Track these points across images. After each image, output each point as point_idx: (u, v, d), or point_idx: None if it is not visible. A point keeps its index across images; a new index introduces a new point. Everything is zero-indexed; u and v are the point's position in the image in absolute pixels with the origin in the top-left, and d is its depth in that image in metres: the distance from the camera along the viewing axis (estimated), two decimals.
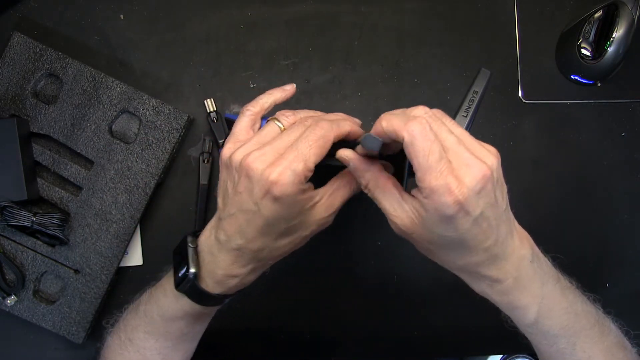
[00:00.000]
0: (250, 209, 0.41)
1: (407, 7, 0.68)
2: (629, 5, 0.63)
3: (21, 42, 0.61)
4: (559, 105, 0.69)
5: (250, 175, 0.40)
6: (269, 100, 0.49)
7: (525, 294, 0.43)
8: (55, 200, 0.62)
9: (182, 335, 0.50)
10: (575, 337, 0.45)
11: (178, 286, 0.46)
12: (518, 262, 0.42)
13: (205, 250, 0.46)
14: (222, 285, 0.45)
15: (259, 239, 0.43)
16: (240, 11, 0.66)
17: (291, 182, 0.39)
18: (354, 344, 0.67)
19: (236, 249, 0.43)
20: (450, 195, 0.36)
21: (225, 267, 0.44)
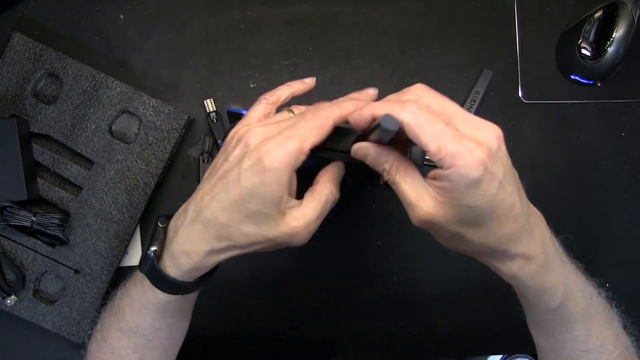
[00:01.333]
0: (232, 177, 0.39)
1: (407, 7, 0.68)
2: (629, 5, 0.64)
3: (21, 42, 0.61)
4: (559, 105, 0.69)
5: (247, 143, 0.39)
6: (287, 91, 0.49)
7: (554, 273, 0.42)
8: (55, 200, 0.62)
9: (155, 330, 0.46)
10: (590, 322, 0.45)
11: (140, 267, 0.43)
12: (542, 237, 0.41)
13: (172, 228, 0.43)
14: (177, 265, 0.42)
15: (227, 212, 0.39)
16: (240, 11, 0.66)
17: (282, 156, 0.38)
18: (354, 344, 0.67)
19: (200, 221, 0.40)
20: (472, 155, 0.34)
21: (182, 242, 0.41)
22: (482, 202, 0.36)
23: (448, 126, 0.35)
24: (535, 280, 0.41)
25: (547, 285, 0.42)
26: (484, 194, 0.35)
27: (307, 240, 0.42)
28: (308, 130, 0.39)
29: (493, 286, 0.67)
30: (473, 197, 0.35)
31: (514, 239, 0.39)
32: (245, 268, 0.66)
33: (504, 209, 0.37)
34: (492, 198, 0.36)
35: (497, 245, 0.39)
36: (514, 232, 0.39)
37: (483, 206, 0.36)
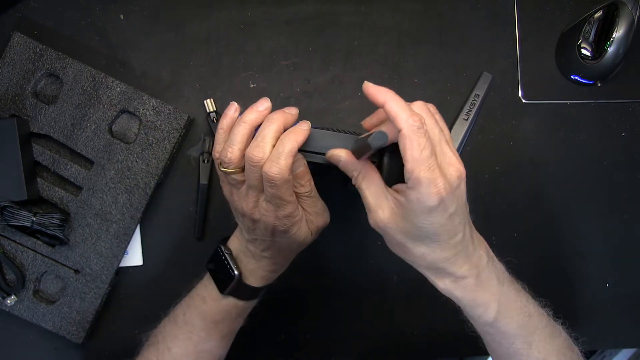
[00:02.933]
0: (266, 238, 0.49)
1: (407, 7, 0.68)
2: (629, 5, 0.63)
3: (21, 42, 0.61)
4: (559, 105, 0.69)
5: (256, 221, 0.48)
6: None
7: (486, 291, 0.46)
8: (55, 200, 0.62)
9: (222, 337, 0.54)
10: (531, 337, 0.48)
11: (224, 290, 0.52)
12: (477, 260, 0.46)
13: (241, 255, 0.52)
14: (265, 279, 0.53)
15: (281, 254, 0.51)
16: (240, 11, 0.66)
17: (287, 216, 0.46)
18: (353, 344, 0.67)
19: (268, 258, 0.51)
20: (435, 188, 0.40)
21: (265, 267, 0.52)
22: (430, 227, 0.42)
23: (431, 156, 0.40)
24: (466, 296, 0.46)
25: (479, 301, 0.46)
26: (433, 221, 0.41)
27: None
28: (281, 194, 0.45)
29: None
30: (424, 220, 0.41)
31: (450, 261, 0.44)
32: None
33: (447, 236, 0.43)
34: (440, 226, 0.42)
35: (434, 263, 0.44)
36: (451, 256, 0.44)
37: (430, 230, 0.42)
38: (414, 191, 0.41)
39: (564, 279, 0.68)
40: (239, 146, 0.45)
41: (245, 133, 0.45)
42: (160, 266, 0.65)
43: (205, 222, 0.65)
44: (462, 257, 0.44)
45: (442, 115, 0.47)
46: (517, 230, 0.68)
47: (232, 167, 0.46)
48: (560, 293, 0.68)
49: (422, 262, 0.45)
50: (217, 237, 0.65)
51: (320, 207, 0.50)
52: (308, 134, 0.45)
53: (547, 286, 0.57)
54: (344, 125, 0.66)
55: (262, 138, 0.44)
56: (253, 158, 0.44)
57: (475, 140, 0.68)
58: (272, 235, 0.48)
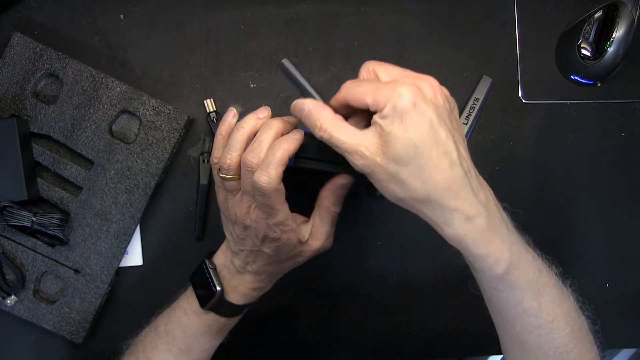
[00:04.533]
0: (255, 248, 0.49)
1: (407, 7, 0.68)
2: (629, 5, 0.63)
3: (21, 42, 0.61)
4: (559, 105, 0.69)
5: (248, 227, 0.48)
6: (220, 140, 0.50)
7: (498, 238, 0.42)
8: (55, 200, 0.62)
9: (203, 351, 0.54)
10: (540, 295, 0.44)
11: (205, 305, 0.51)
12: (485, 200, 0.41)
13: (225, 270, 0.52)
14: (247, 297, 0.52)
15: (269, 266, 0.50)
16: (240, 11, 0.66)
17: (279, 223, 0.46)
18: (353, 344, 0.67)
19: (253, 272, 0.51)
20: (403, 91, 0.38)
21: (247, 284, 0.51)
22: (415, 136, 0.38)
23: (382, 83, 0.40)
24: (478, 242, 0.41)
25: (491, 249, 0.41)
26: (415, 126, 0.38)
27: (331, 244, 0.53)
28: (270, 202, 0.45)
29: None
30: (406, 127, 0.38)
31: (452, 189, 0.39)
32: None
33: (437, 151, 0.38)
34: (425, 134, 0.38)
35: (433, 192, 0.39)
36: (450, 180, 0.39)
37: (416, 139, 0.38)
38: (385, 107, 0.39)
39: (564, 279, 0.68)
40: (237, 152, 0.45)
41: (243, 139, 0.46)
42: (160, 266, 0.65)
43: (205, 222, 0.65)
44: (467, 190, 0.40)
45: None
46: None
47: (231, 173, 0.46)
48: None
49: (421, 192, 0.39)
50: (217, 237, 0.65)
51: (320, 232, 0.51)
52: (300, 142, 0.45)
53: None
54: None
55: (258, 143, 0.44)
56: (248, 163, 0.44)
57: (475, 140, 0.68)
58: (262, 243, 0.48)
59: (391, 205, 0.63)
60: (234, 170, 0.46)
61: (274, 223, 0.46)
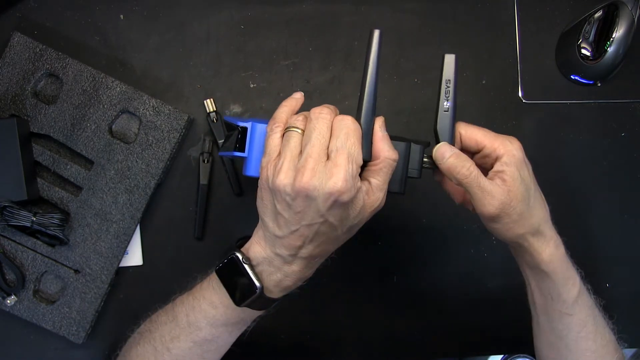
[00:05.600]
0: (316, 221, 0.43)
1: (407, 7, 0.68)
2: (629, 5, 0.64)
3: (21, 42, 0.61)
4: (559, 105, 0.69)
5: (311, 194, 0.41)
6: (288, 110, 0.48)
7: (571, 265, 0.50)
8: (55, 200, 0.62)
9: (230, 339, 0.52)
10: (596, 320, 0.52)
11: (241, 302, 0.47)
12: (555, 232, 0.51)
13: (265, 264, 0.47)
14: (289, 289, 0.49)
15: (328, 243, 0.45)
16: (240, 11, 0.66)
17: (353, 185, 0.42)
18: (353, 344, 0.67)
19: (305, 258, 0.46)
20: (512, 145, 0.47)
21: (294, 275, 0.47)
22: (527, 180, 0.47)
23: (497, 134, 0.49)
24: (562, 265, 0.49)
25: (570, 273, 0.50)
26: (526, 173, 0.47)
27: None
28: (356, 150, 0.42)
29: (493, 286, 0.67)
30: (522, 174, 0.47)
31: (548, 222, 0.49)
32: None
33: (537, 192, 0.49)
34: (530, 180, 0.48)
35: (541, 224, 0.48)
36: (546, 215, 0.49)
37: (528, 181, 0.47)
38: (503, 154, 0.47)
39: None
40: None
41: None
42: (160, 266, 0.65)
43: (205, 222, 0.65)
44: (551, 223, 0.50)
45: None
46: None
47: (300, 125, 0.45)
48: None
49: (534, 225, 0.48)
50: (216, 237, 0.65)
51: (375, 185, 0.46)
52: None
53: None
54: None
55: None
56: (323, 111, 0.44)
57: None
58: (329, 209, 0.42)
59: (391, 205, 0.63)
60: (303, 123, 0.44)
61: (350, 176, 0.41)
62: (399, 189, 0.47)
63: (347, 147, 0.42)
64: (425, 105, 0.67)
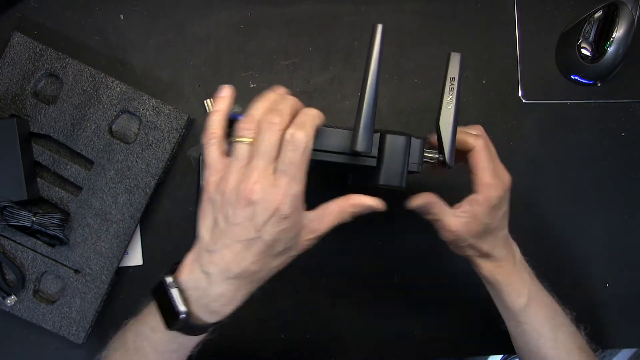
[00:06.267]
0: (250, 237, 0.41)
1: (407, 7, 0.68)
2: (629, 5, 0.64)
3: (21, 42, 0.61)
4: (559, 105, 0.69)
5: (254, 203, 0.40)
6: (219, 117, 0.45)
7: (520, 278, 0.55)
8: (55, 200, 0.62)
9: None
10: (557, 330, 0.55)
11: (170, 327, 0.45)
12: (513, 252, 0.56)
13: (192, 287, 0.44)
14: (218, 314, 0.45)
15: (257, 263, 0.43)
16: (240, 11, 0.66)
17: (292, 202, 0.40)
18: (353, 344, 0.67)
19: (232, 278, 0.43)
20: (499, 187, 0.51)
21: (220, 299, 0.44)
22: (492, 222, 0.52)
23: (494, 165, 0.51)
24: (505, 279, 0.55)
25: (515, 286, 0.55)
26: (495, 215, 0.52)
27: None
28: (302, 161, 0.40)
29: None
30: (489, 217, 0.51)
31: (499, 246, 0.54)
32: None
33: (501, 226, 0.54)
34: (499, 220, 0.52)
35: (489, 250, 0.54)
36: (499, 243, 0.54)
37: (492, 225, 0.52)
38: (483, 194, 0.50)
39: (564, 279, 0.68)
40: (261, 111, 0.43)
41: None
42: (160, 266, 0.65)
43: None
44: (504, 245, 0.55)
45: None
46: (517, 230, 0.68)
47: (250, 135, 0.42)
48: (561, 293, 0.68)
49: (479, 250, 0.53)
50: None
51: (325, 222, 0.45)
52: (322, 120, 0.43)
53: (547, 286, 0.57)
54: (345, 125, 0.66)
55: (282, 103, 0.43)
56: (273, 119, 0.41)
57: None
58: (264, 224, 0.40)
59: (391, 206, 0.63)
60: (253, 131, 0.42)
61: (293, 193, 0.40)
62: (399, 183, 0.46)
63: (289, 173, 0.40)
64: (425, 105, 0.67)
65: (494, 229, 0.53)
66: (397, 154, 0.45)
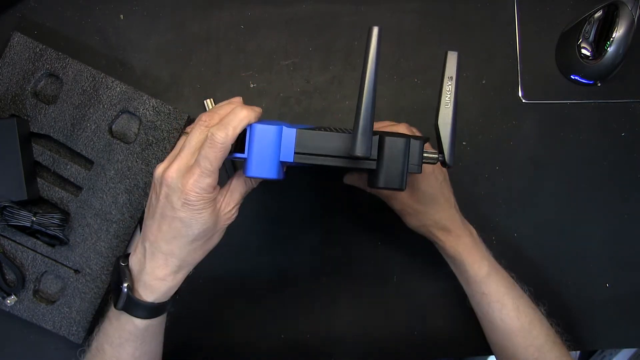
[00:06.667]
0: (170, 213, 0.45)
1: (407, 7, 0.68)
2: (629, 5, 0.64)
3: (21, 42, 0.61)
4: (559, 105, 0.69)
5: (169, 185, 0.45)
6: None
7: (479, 251, 0.60)
8: (55, 200, 0.62)
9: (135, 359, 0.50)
10: (518, 300, 0.59)
11: (116, 304, 0.48)
12: (470, 229, 0.61)
13: (134, 263, 0.48)
14: (154, 291, 0.48)
15: (178, 240, 0.46)
16: (240, 11, 0.66)
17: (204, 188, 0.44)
18: (353, 344, 0.67)
19: (160, 252, 0.47)
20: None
21: (151, 272, 0.47)
22: (431, 190, 0.57)
23: None
24: (465, 251, 0.59)
25: (476, 257, 0.59)
26: (431, 184, 0.57)
27: None
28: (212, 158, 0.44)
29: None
30: (425, 186, 0.57)
31: (452, 220, 0.59)
32: (244, 268, 0.66)
33: (444, 198, 0.59)
34: (437, 188, 0.58)
35: (441, 220, 0.58)
36: (450, 215, 0.59)
37: (431, 192, 0.58)
38: None
39: (564, 279, 0.68)
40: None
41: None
42: None
43: None
44: (459, 220, 0.59)
45: None
46: (517, 230, 0.68)
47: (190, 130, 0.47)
48: (560, 293, 0.68)
49: (432, 220, 0.58)
50: None
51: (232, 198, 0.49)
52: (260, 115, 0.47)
53: (547, 286, 0.58)
54: (345, 125, 0.66)
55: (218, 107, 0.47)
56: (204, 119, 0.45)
57: (475, 140, 0.68)
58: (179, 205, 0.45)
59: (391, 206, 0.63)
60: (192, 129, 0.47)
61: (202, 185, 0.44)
62: (399, 185, 0.47)
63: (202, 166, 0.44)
64: (425, 105, 0.67)
65: (437, 197, 0.58)
66: (396, 156, 0.45)
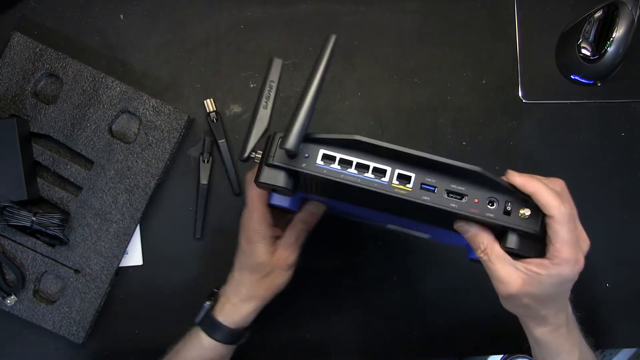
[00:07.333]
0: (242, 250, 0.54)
1: (407, 7, 0.68)
2: (629, 5, 0.64)
3: (21, 42, 0.61)
4: (559, 105, 0.69)
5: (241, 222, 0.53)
6: None
7: (574, 339, 0.51)
8: (55, 200, 0.62)
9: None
10: None
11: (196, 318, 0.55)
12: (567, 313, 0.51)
13: (223, 289, 0.56)
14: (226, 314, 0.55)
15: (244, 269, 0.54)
16: (240, 11, 0.66)
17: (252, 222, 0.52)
18: (353, 344, 0.67)
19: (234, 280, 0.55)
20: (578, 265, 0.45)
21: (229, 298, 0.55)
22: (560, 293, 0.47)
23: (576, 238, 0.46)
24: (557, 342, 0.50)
25: (566, 346, 0.50)
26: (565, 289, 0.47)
27: None
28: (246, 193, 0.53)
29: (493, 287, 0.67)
30: (558, 289, 0.46)
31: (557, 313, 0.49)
32: None
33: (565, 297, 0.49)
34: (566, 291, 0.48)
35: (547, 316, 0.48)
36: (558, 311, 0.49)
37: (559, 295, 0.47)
38: (558, 267, 0.44)
39: None
40: None
41: None
42: (160, 266, 0.65)
43: (205, 222, 0.65)
44: (564, 309, 0.50)
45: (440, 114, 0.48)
46: None
47: None
48: None
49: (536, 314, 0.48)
50: (216, 237, 0.66)
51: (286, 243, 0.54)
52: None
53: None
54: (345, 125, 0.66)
55: None
56: None
57: (475, 140, 0.68)
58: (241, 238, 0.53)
59: None
60: None
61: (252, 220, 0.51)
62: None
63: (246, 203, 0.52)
64: (426, 105, 0.67)
65: (558, 295, 0.48)
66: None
